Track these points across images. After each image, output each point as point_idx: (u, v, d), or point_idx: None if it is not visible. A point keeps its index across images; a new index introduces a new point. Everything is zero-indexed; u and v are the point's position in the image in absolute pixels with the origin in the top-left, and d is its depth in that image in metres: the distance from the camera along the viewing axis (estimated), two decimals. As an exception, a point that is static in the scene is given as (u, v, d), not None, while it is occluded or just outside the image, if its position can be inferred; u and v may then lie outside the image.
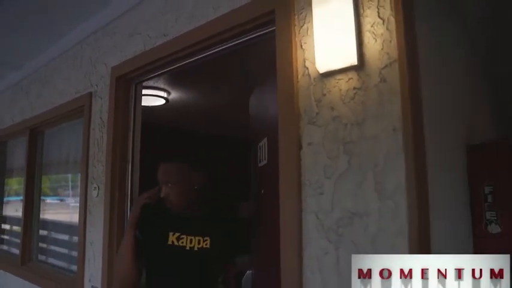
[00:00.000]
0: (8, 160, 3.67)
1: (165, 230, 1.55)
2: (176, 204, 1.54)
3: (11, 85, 3.34)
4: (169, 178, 1.55)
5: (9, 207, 3.63)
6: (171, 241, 1.53)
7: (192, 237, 1.53)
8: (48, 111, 2.66)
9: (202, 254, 1.52)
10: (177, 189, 1.53)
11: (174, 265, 1.53)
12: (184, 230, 1.54)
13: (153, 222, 1.59)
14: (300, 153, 1.17)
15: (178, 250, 1.52)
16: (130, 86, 1.99)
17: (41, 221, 2.93)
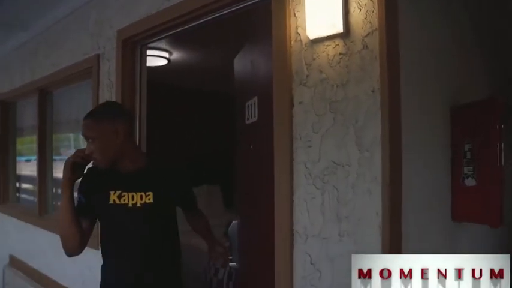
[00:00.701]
0: (18, 121, 3.83)
1: (106, 190, 1.49)
2: (100, 160, 1.46)
3: (19, 46, 3.43)
4: (88, 133, 1.46)
5: (23, 166, 3.84)
6: (112, 200, 1.48)
7: (133, 193, 1.47)
8: (57, 72, 2.78)
9: (145, 210, 1.47)
10: (97, 145, 1.44)
11: (119, 224, 1.51)
12: (125, 187, 1.48)
13: (94, 184, 1.53)
14: (292, 111, 1.33)
15: (120, 208, 1.47)
16: (136, 48, 2.11)
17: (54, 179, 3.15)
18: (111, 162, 1.47)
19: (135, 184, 1.48)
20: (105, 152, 1.44)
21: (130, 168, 1.50)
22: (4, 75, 3.75)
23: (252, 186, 1.91)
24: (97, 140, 1.43)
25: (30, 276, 3.07)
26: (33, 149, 3.67)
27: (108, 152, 1.45)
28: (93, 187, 1.52)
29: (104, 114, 1.49)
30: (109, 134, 1.43)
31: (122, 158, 1.48)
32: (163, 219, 1.53)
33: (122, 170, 1.50)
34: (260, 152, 1.78)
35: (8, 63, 3.70)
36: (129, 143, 1.52)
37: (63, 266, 2.62)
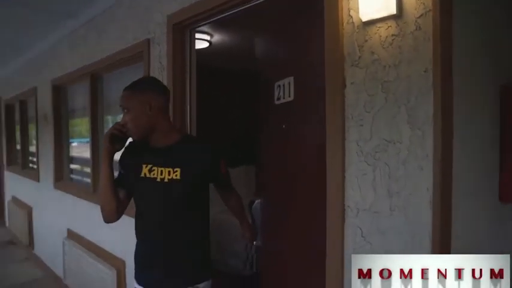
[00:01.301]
0: (69, 104, 4.06)
1: (140, 163, 1.55)
2: (133, 131, 1.52)
3: (69, 34, 3.61)
4: (124, 104, 1.53)
5: (75, 147, 4.09)
6: (143, 173, 1.53)
7: (162, 168, 1.51)
8: (107, 57, 2.93)
9: (172, 186, 1.49)
10: (130, 115, 1.50)
11: (147, 197, 1.56)
12: (156, 161, 1.53)
13: (131, 156, 1.61)
14: (344, 91, 1.39)
15: (149, 182, 1.52)
16: (185, 32, 2.21)
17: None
18: (144, 134, 1.53)
19: (165, 159, 1.52)
20: (137, 122, 1.50)
21: (162, 143, 1.54)
22: (56, 61, 3.96)
23: (283, 164, 1.98)
24: (131, 111, 1.50)
25: (85, 247, 3.31)
26: (80, 131, 3.91)
27: (140, 123, 1.50)
28: (130, 160, 1.60)
29: (140, 86, 1.55)
30: (142, 105, 1.49)
31: (155, 132, 1.53)
32: (190, 196, 1.53)
33: (155, 145, 1.55)
34: (295, 131, 1.86)
35: (59, 50, 3.90)
36: (163, 118, 1.55)
37: (115, 238, 2.83)
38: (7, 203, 6.13)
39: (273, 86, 1.96)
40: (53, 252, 4.14)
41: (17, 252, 5.37)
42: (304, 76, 1.78)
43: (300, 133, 1.84)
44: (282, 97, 1.91)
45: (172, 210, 1.53)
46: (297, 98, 1.81)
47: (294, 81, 1.81)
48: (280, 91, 1.91)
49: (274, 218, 2.02)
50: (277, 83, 1.93)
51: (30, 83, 4.75)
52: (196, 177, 1.51)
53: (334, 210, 1.42)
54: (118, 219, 1.61)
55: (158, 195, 1.52)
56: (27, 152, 5.49)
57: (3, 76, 5.99)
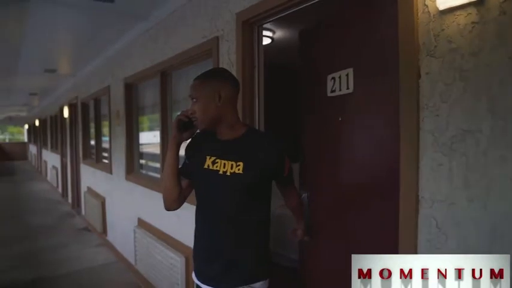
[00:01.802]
0: (140, 101, 4.32)
1: (204, 154, 1.55)
2: (200, 120, 1.52)
3: (140, 34, 3.84)
4: (193, 93, 1.53)
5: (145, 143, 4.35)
6: (206, 165, 1.53)
7: (225, 161, 1.49)
8: (177, 55, 3.08)
9: (233, 179, 1.46)
10: (199, 105, 1.50)
11: (208, 189, 1.54)
12: (220, 154, 1.51)
13: (197, 147, 1.62)
14: (419, 81, 1.37)
15: (212, 174, 1.50)
16: (253, 29, 2.27)
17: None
18: (210, 124, 1.52)
19: (229, 152, 1.50)
20: (204, 112, 1.49)
21: (227, 135, 1.54)
22: (128, 61, 4.23)
23: (338, 156, 1.98)
24: (200, 100, 1.50)
25: (155, 235, 3.52)
26: (145, 128, 4.14)
27: (208, 113, 1.49)
28: (195, 150, 1.61)
29: (210, 76, 1.55)
30: (210, 95, 1.48)
31: (221, 123, 1.52)
32: (252, 191, 1.49)
33: (221, 137, 1.55)
34: (355, 123, 1.87)
35: (131, 50, 4.16)
36: (230, 109, 1.53)
37: (183, 227, 2.98)
38: (83, 193, 6.64)
39: (325, 78, 1.98)
40: (124, 239, 4.44)
41: (92, 238, 5.82)
42: (367, 67, 1.78)
43: (360, 124, 1.85)
44: (337, 89, 1.92)
45: (232, 205, 1.50)
46: (358, 90, 1.81)
47: (353, 72, 1.82)
48: (334, 83, 1.92)
49: (329, 212, 2.03)
50: (330, 76, 1.95)
51: (104, 82, 5.12)
52: (259, 172, 1.47)
53: (407, 202, 1.41)
54: (178, 207, 1.64)
55: (219, 188, 1.50)
56: (100, 147, 5.91)
57: (80, 77, 6.50)
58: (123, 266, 4.53)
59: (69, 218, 7.22)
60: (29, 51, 4.87)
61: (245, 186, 1.47)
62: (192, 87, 1.55)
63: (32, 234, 6.14)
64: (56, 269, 4.55)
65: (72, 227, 6.55)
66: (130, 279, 4.16)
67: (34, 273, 4.46)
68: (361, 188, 1.84)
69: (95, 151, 6.10)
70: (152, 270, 3.53)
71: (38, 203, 9.03)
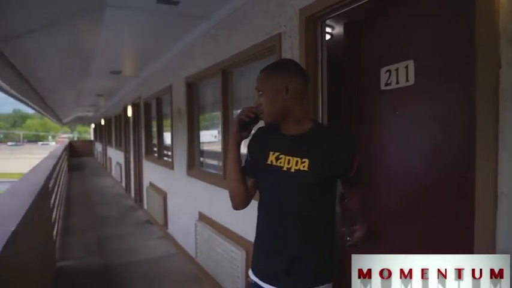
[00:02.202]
0: (200, 100, 4.46)
1: (267, 150, 1.51)
2: (266, 113, 1.47)
3: (202, 34, 3.97)
4: (259, 86, 1.48)
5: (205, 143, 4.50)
6: (270, 161, 1.48)
7: (290, 157, 1.43)
8: (238, 53, 3.15)
9: (298, 177, 1.41)
10: (265, 97, 1.45)
11: (271, 186, 1.50)
12: (284, 149, 1.46)
13: (259, 143, 1.58)
14: (499, 71, 1.31)
15: (275, 170, 1.46)
16: (317, 25, 2.27)
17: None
18: (276, 118, 1.47)
19: (294, 148, 1.44)
20: (271, 105, 1.44)
21: (293, 130, 1.48)
22: (189, 60, 4.39)
23: (396, 150, 1.92)
24: (265, 93, 1.45)
25: (216, 229, 3.62)
26: (205, 126, 4.25)
27: (275, 106, 1.44)
28: (257, 146, 1.57)
29: (277, 68, 1.49)
30: (278, 88, 1.43)
31: (288, 117, 1.46)
32: (317, 190, 1.43)
33: (285, 131, 1.49)
34: (415, 117, 1.80)
35: (192, 50, 4.30)
36: (298, 103, 1.47)
37: (244, 221, 3.04)
38: (145, 188, 6.98)
39: (378, 72, 1.94)
40: (185, 232, 4.62)
41: (154, 230, 6.11)
42: (433, 57, 1.72)
43: (423, 118, 1.78)
44: (393, 82, 1.87)
45: (296, 202, 1.45)
46: (420, 82, 1.75)
47: (414, 64, 1.77)
48: (390, 76, 1.87)
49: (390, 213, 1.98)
50: (384, 68, 1.90)
51: (166, 82, 5.34)
52: (326, 170, 1.40)
53: (484, 197, 1.35)
54: (246, 206, 1.63)
55: (283, 185, 1.45)
56: (162, 144, 6.18)
57: (143, 77, 6.82)
58: (184, 258, 4.72)
59: (133, 211, 7.63)
60: (99, 55, 5.21)
61: (310, 184, 1.41)
62: (258, 79, 1.50)
63: (100, 225, 6.59)
64: (123, 258, 4.85)
65: (136, 220, 6.91)
66: (191, 271, 4.32)
67: (105, 260, 4.80)
68: (426, 185, 1.78)
69: (156, 148, 6.38)
70: (212, 263, 3.64)
71: (104, 196, 9.63)
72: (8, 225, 1.79)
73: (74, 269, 4.57)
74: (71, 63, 5.70)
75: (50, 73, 6.04)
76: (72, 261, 4.80)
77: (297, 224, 1.45)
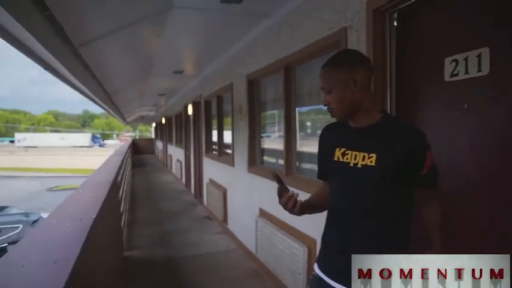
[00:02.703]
0: (261, 97, 4.50)
1: (333, 146, 1.47)
2: (337, 111, 1.41)
3: (264, 32, 4.00)
4: (324, 84, 1.42)
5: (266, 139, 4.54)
6: (336, 157, 1.44)
7: (357, 152, 1.38)
8: (302, 49, 3.14)
9: (365, 173, 1.35)
10: (333, 95, 1.39)
11: (340, 183, 1.46)
12: (350, 144, 1.41)
13: (326, 140, 1.55)
14: None
15: (342, 167, 1.41)
16: (385, 17, 2.20)
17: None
18: (349, 114, 1.41)
19: (360, 142, 1.39)
20: (341, 102, 1.38)
21: (362, 121, 1.42)
22: (251, 58, 4.44)
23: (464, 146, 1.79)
24: (333, 90, 1.38)
25: (277, 226, 3.64)
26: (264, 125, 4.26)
27: (345, 102, 1.38)
28: (325, 142, 1.55)
29: (341, 62, 1.41)
30: (345, 82, 1.36)
31: (359, 110, 1.41)
32: (385, 186, 1.35)
33: (354, 124, 1.44)
34: (490, 111, 1.66)
35: (253, 48, 4.35)
36: (367, 93, 1.40)
37: (306, 218, 2.99)
38: (205, 185, 7.18)
39: (441, 62, 1.84)
40: (245, 228, 4.69)
41: (213, 226, 6.27)
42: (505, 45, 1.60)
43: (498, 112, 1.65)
44: (460, 73, 1.76)
45: (363, 200, 1.39)
46: (497, 71, 1.62)
47: (489, 52, 1.65)
48: (457, 66, 1.76)
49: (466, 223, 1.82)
50: (450, 58, 1.80)
51: (226, 80, 5.46)
52: (394, 166, 1.32)
53: None
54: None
55: (349, 181, 1.41)
56: (222, 141, 6.32)
57: (203, 76, 7.02)
58: (243, 253, 4.79)
59: (193, 207, 7.88)
60: (162, 56, 5.43)
61: (377, 180, 1.34)
62: (322, 77, 1.43)
63: (162, 219, 6.88)
64: (184, 251, 5.03)
65: (196, 215, 7.13)
66: (251, 266, 4.38)
67: (167, 252, 5.01)
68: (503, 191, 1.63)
69: (217, 145, 6.53)
70: (273, 259, 3.66)
71: (165, 192, 10.04)
72: (91, 213, 1.93)
73: (138, 258, 4.82)
74: (135, 64, 6.00)
75: (117, 74, 6.41)
76: (137, 252, 5.06)
77: (363, 222, 1.40)
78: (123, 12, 3.27)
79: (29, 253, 1.37)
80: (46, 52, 2.42)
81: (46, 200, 25.00)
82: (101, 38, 3.69)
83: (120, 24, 3.49)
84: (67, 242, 1.49)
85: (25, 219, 11.89)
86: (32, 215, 12.61)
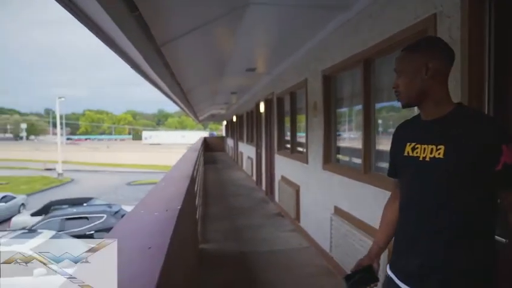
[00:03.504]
0: (337, 93, 4.39)
1: (404, 141, 1.43)
2: (403, 95, 1.39)
3: (339, 27, 3.89)
4: (397, 66, 1.41)
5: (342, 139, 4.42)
6: (406, 152, 1.40)
7: (425, 145, 1.32)
8: (382, 41, 2.99)
9: (433, 166, 1.28)
10: (403, 78, 1.37)
11: (409, 179, 1.41)
12: (420, 138, 1.36)
13: (398, 135, 1.52)
14: None
15: (411, 161, 1.37)
16: (484, 0, 2.01)
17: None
18: (413, 101, 1.39)
19: (429, 134, 1.34)
20: (408, 86, 1.36)
21: (432, 114, 1.36)
22: (325, 53, 4.35)
23: None
24: (403, 73, 1.37)
25: (354, 224, 3.52)
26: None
27: (412, 88, 1.36)
28: (396, 141, 1.52)
29: (418, 46, 1.39)
30: (416, 67, 1.34)
31: (427, 99, 1.36)
32: (456, 181, 1.25)
33: (424, 115, 1.40)
34: None
35: (329, 42, 4.25)
36: (439, 83, 1.35)
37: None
38: (277, 182, 7.20)
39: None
40: (319, 226, 4.61)
41: (285, 223, 6.26)
42: None
43: None
44: None
45: (432, 195, 1.31)
46: None
47: None
48: None
49: None
50: None
51: (300, 76, 5.40)
52: (462, 159, 1.23)
53: None
54: None
55: (418, 176, 1.35)
56: (295, 138, 6.28)
57: (276, 74, 7.04)
58: (316, 252, 4.72)
59: (264, 204, 7.95)
60: (236, 54, 5.52)
61: (446, 174, 1.26)
62: (396, 60, 1.43)
63: (234, 214, 7.03)
64: (256, 246, 5.09)
65: (267, 212, 7.18)
66: (324, 265, 4.30)
67: (240, 246, 5.11)
68: None
69: (289, 142, 6.51)
70: (349, 259, 3.54)
71: (236, 188, 10.26)
72: (176, 204, 2.00)
73: (212, 251, 4.96)
74: (210, 62, 6.17)
75: (192, 72, 6.65)
76: (211, 245, 5.21)
77: (434, 219, 1.31)
78: (201, 10, 3.36)
79: (123, 239, 1.43)
80: (135, 51, 2.56)
81: (125, 193, 27.06)
82: (180, 37, 3.83)
83: (197, 22, 3.60)
84: (157, 230, 1.55)
85: (108, 210, 12.99)
86: (114, 206, 13.74)
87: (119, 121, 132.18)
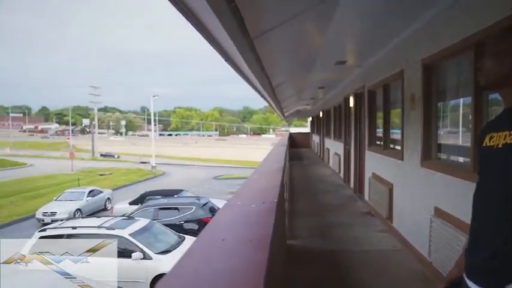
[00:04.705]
0: (440, 84, 4.03)
1: (484, 134, 1.37)
2: (484, 76, 1.35)
3: (444, 8, 3.53)
4: (487, 46, 1.38)
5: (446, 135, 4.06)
6: (484, 143, 1.34)
7: (500, 133, 1.26)
8: (503, 19, 2.63)
9: (504, 151, 1.22)
10: (489, 60, 1.32)
11: (483, 168, 1.35)
12: (497, 126, 1.30)
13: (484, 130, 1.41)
14: None
15: (487, 151, 1.32)
16: None
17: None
18: (493, 83, 1.35)
19: (505, 121, 1.29)
20: (492, 68, 1.32)
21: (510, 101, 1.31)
22: (427, 40, 4.01)
23: None
24: (491, 54, 1.33)
25: (460, 228, 3.19)
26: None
27: (496, 69, 1.31)
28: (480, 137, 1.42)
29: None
30: (506, 50, 1.28)
31: (508, 87, 1.31)
32: None
33: (505, 105, 1.35)
34: None
35: (431, 28, 3.92)
36: None
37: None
38: (367, 179, 6.90)
39: None
40: (415, 228, 4.30)
41: (376, 223, 5.98)
42: None
43: None
44: None
45: (502, 183, 1.23)
46: None
47: None
48: None
49: None
50: None
51: (395, 67, 5.07)
52: None
53: None
54: None
55: (491, 165, 1.31)
56: (388, 134, 5.94)
57: (367, 65, 6.73)
58: (411, 256, 4.40)
59: (352, 202, 7.69)
60: (326, 45, 5.35)
61: None
62: (492, 40, 1.42)
63: (322, 211, 6.90)
64: (346, 245, 4.93)
65: (356, 210, 6.93)
66: (420, 270, 4.00)
67: (328, 244, 5.00)
68: None
69: (381, 139, 6.18)
70: (451, 265, 3.23)
71: (323, 185, 10.09)
72: (272, 197, 1.97)
73: (300, 248, 4.90)
74: (299, 56, 6.08)
75: (281, 67, 6.61)
76: (299, 241, 5.15)
77: (498, 212, 1.24)
78: (293, 1, 3.29)
79: (224, 229, 1.44)
80: (231, 44, 2.58)
81: (212, 186, 28.37)
82: (271, 30, 3.80)
83: (288, 14, 3.53)
84: (256, 222, 1.53)
85: (197, 202, 13.65)
86: (202, 199, 14.41)
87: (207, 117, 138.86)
